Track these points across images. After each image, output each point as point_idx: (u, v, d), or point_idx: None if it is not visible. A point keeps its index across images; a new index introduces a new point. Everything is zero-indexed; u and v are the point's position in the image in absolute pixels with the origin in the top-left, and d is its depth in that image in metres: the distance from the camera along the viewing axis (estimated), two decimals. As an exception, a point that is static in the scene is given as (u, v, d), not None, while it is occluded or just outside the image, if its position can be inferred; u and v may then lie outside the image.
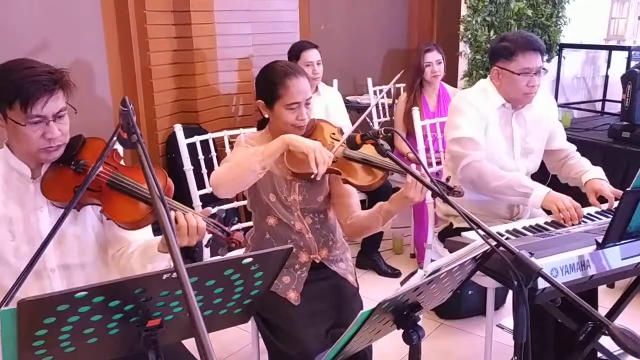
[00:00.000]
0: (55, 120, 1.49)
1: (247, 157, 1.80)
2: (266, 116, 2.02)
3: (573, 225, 2.06)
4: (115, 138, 1.25)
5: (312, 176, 1.73)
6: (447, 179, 1.85)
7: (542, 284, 1.56)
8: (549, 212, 2.20)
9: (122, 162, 1.63)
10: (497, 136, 2.38)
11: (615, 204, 2.15)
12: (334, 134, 2.01)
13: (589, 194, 2.25)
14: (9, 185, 1.57)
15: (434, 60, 3.61)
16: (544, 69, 2.29)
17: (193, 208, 2.40)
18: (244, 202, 2.27)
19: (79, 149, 1.59)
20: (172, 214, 1.45)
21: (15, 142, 1.54)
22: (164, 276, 1.08)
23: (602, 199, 2.23)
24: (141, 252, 1.60)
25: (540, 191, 2.21)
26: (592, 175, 2.30)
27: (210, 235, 1.56)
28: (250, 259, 1.19)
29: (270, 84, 1.94)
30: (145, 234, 1.67)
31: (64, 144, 1.55)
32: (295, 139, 1.77)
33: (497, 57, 2.35)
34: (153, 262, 1.56)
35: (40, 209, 1.58)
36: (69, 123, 1.56)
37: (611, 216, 1.79)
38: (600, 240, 1.73)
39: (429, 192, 1.82)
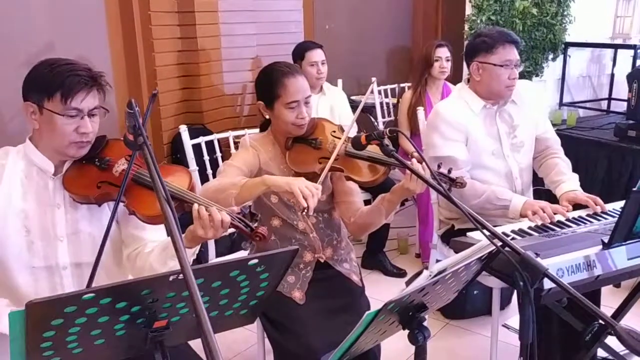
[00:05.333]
0: (89, 117, 1.54)
1: (227, 187, 1.78)
2: (267, 117, 2.03)
3: (551, 222, 2.08)
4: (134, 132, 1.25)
5: (304, 212, 1.68)
6: (449, 171, 1.84)
7: (548, 284, 1.56)
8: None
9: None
10: (484, 138, 2.38)
11: (610, 206, 2.17)
12: (334, 132, 2.01)
13: (562, 205, 2.24)
14: (29, 180, 1.59)
15: (444, 56, 3.60)
16: (521, 62, 2.32)
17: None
18: (249, 202, 2.27)
19: (102, 148, 1.63)
20: (195, 206, 1.48)
21: (45, 135, 1.56)
22: (171, 277, 1.09)
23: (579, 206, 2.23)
24: (162, 249, 1.61)
25: (518, 201, 2.24)
26: (566, 187, 2.31)
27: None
28: (256, 261, 1.20)
29: (269, 84, 1.96)
30: (161, 233, 1.69)
31: (91, 143, 1.59)
32: (275, 180, 1.75)
33: (476, 53, 2.37)
34: (175, 259, 1.56)
35: (57, 206, 1.59)
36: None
37: (616, 216, 1.78)
38: (606, 241, 1.72)
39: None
